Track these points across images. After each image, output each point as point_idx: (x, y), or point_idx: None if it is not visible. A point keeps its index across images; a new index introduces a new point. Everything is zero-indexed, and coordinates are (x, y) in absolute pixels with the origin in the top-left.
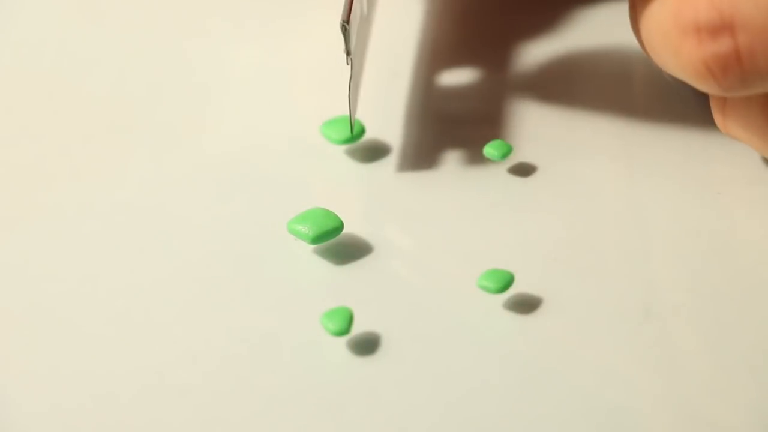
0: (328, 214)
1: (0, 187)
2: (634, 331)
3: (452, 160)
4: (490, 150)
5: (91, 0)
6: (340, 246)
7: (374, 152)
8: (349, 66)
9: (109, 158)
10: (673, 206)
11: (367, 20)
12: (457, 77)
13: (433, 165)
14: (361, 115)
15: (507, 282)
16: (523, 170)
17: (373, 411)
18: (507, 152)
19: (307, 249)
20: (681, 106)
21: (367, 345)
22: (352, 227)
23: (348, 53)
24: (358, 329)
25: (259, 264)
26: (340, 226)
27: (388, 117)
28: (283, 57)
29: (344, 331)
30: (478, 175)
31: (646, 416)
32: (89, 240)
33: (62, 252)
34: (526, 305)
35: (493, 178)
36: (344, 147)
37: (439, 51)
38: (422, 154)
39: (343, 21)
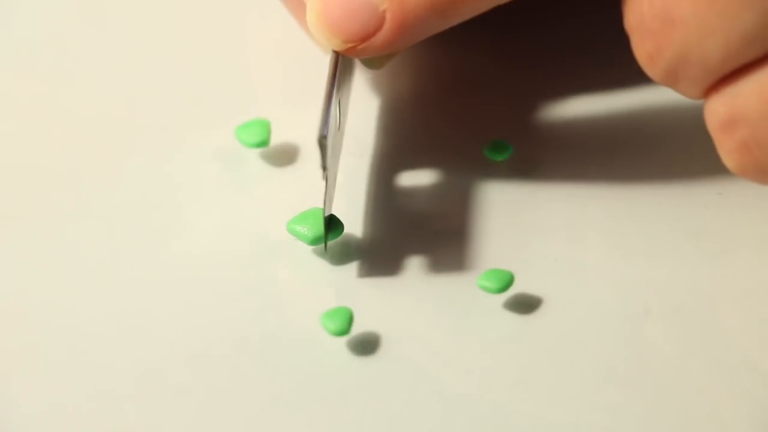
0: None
1: (0, 187)
2: (634, 331)
3: (453, 161)
4: (490, 151)
5: (91, 0)
6: (340, 246)
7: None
8: (324, 180)
9: (109, 158)
10: (673, 206)
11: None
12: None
13: (433, 166)
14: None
15: (507, 282)
16: (523, 170)
17: (373, 411)
18: (507, 152)
19: (307, 249)
20: (681, 106)
21: (367, 345)
22: (352, 227)
23: (324, 168)
24: (358, 329)
25: (259, 264)
26: (340, 227)
27: (387, 117)
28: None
29: (344, 331)
30: (478, 175)
31: (646, 416)
32: (89, 239)
33: (62, 251)
34: (526, 305)
35: (493, 178)
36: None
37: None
38: (423, 155)
39: (322, 135)
